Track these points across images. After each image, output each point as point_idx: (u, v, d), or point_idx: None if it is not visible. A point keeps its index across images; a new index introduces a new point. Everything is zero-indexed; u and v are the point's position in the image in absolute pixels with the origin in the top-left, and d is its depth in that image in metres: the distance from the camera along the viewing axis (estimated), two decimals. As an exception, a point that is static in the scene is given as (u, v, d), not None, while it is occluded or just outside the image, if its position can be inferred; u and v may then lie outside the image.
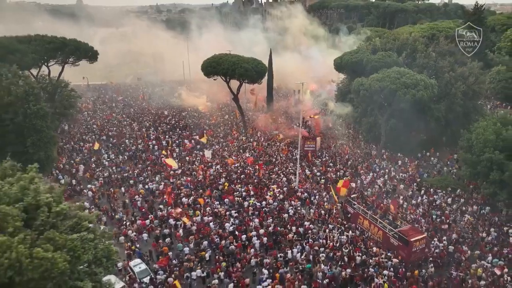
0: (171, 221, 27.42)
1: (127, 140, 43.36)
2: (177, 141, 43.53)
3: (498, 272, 21.37)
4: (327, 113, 52.53)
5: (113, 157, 38.80)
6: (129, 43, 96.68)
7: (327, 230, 26.48)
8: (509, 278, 21.04)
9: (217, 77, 43.83)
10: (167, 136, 45.07)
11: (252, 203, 29.96)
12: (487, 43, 63.58)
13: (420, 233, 24.31)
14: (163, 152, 39.11)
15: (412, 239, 23.21)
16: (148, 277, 22.01)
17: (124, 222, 27.43)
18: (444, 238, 25.47)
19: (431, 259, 23.55)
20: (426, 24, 54.41)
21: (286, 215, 28.50)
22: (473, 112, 36.71)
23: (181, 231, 26.38)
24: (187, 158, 38.91)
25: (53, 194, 14.33)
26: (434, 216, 28.17)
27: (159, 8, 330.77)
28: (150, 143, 42.63)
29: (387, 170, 36.22)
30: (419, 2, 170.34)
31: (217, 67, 41.91)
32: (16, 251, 8.70)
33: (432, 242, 25.05)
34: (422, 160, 38.57)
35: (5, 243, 8.65)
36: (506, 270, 21.66)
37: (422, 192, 31.76)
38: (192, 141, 43.51)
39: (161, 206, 29.47)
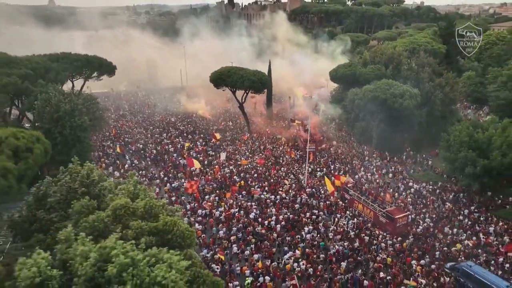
0: (200, 212, 32.35)
1: (140, 145, 47.88)
2: (190, 145, 48.43)
3: (470, 244, 27.71)
4: (320, 115, 58.49)
5: (137, 163, 43.33)
6: (116, 48, 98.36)
7: (335, 219, 32.13)
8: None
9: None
10: (180, 140, 49.90)
11: (267, 197, 35.31)
12: (458, 50, 70.99)
13: (403, 212, 30.47)
14: (184, 156, 43.93)
15: (396, 217, 29.30)
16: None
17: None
18: (427, 218, 31.60)
19: (411, 234, 29.30)
20: (407, 39, 61.00)
21: (297, 205, 33.96)
22: (450, 116, 43.27)
23: (215, 216, 31.58)
24: (200, 158, 43.97)
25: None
26: (418, 201, 34.42)
27: (135, 9, 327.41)
28: (166, 147, 47.40)
29: (377, 165, 42.39)
30: (394, 6, 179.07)
31: (226, 79, 47.20)
32: (179, 225, 13.80)
33: (420, 224, 31.09)
34: (407, 158, 44.85)
35: (172, 221, 13.73)
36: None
37: (410, 184, 37.93)
38: (204, 142, 48.72)
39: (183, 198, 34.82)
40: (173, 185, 37.90)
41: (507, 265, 25.44)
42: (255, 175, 39.94)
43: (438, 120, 42.71)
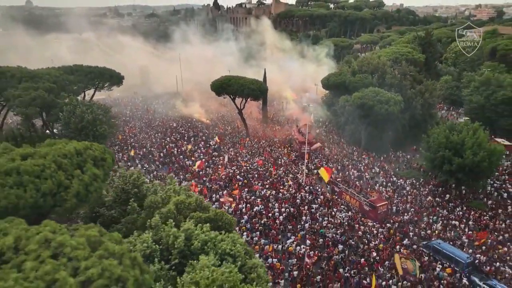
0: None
1: (146, 149, 51.52)
2: (193, 148, 52.37)
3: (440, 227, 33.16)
4: (312, 117, 63.28)
5: (147, 166, 47.02)
6: (104, 53, 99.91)
7: (332, 213, 36.70)
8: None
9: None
10: (185, 143, 53.81)
11: (270, 193, 39.61)
12: (436, 56, 76.85)
13: (384, 201, 35.52)
14: (192, 158, 47.88)
15: (377, 205, 34.35)
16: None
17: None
18: (409, 208, 36.61)
19: (393, 222, 34.22)
20: (390, 49, 66.43)
21: (298, 200, 38.41)
22: (429, 119, 48.46)
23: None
24: (203, 160, 48.02)
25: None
26: (402, 194, 39.42)
27: (117, 10, 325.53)
28: (172, 150, 51.24)
29: (365, 163, 47.27)
30: (375, 10, 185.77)
31: (227, 88, 51.40)
32: (226, 215, 18.03)
33: (404, 214, 35.97)
34: (394, 157, 49.90)
35: (221, 212, 17.95)
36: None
37: (394, 179, 42.87)
38: (207, 145, 52.77)
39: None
40: (182, 185, 41.91)
41: (466, 241, 31.36)
42: (256, 175, 44.21)
43: (419, 123, 47.79)
